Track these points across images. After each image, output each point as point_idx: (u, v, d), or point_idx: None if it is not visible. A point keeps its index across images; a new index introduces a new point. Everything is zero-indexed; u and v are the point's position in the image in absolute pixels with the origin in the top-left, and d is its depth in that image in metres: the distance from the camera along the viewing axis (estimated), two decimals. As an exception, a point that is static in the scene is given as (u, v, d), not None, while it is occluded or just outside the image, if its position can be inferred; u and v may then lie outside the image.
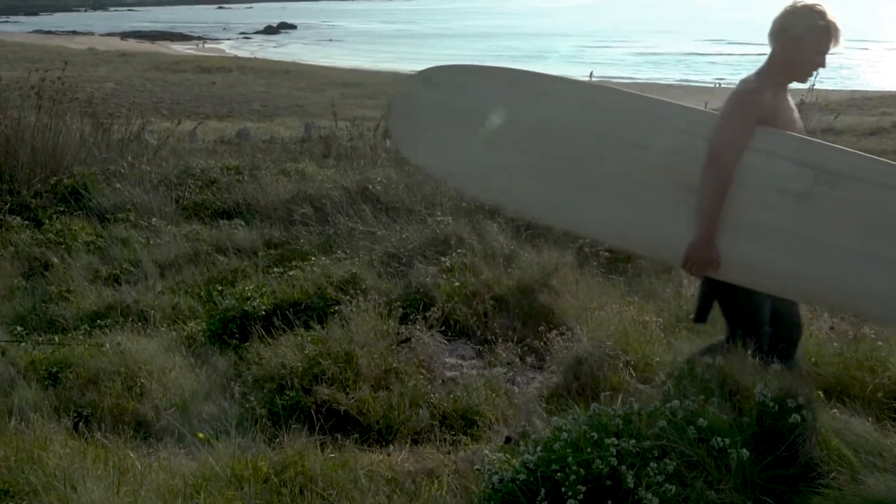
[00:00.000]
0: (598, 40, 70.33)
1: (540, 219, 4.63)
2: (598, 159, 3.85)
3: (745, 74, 3.79)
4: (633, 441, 2.96)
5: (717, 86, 33.03)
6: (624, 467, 2.85)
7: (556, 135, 3.97)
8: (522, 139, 4.04)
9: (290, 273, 5.94)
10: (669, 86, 37.29)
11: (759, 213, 3.55)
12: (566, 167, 3.93)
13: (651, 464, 2.88)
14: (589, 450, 2.93)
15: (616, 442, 2.93)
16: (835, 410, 3.44)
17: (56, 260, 6.60)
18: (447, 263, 5.93)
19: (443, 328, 5.29)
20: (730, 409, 3.29)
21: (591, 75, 15.99)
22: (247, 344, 5.01)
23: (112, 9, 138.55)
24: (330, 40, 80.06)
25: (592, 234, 4.50)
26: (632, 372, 4.34)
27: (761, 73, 3.65)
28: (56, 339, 5.11)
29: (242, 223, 7.67)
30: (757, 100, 3.57)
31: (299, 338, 4.89)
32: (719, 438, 2.99)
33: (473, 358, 5.14)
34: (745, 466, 2.94)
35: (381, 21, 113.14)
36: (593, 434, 2.99)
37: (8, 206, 7.88)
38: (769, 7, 4.18)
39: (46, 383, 4.55)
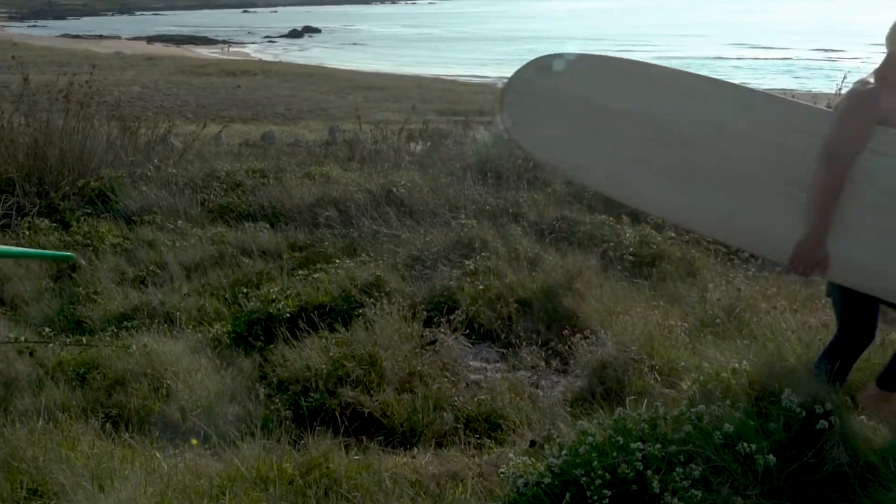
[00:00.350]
0: (621, 44, 70.03)
1: (649, 210, 4.56)
2: (709, 152, 3.82)
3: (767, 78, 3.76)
4: (658, 446, 2.95)
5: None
6: (650, 472, 2.83)
7: (669, 126, 3.93)
8: (634, 130, 4.02)
9: (315, 276, 5.96)
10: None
11: (870, 214, 3.52)
12: (678, 160, 3.89)
13: (677, 469, 2.87)
14: (614, 454, 2.92)
15: (641, 446, 2.92)
16: (863, 417, 3.42)
17: (83, 262, 6.66)
18: (471, 266, 5.93)
19: (467, 331, 5.29)
20: (756, 414, 3.27)
21: None
22: (272, 346, 5.03)
23: (138, 13, 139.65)
24: (353, 44, 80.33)
25: (701, 228, 4.44)
26: (657, 376, 4.32)
27: (878, 74, 3.61)
28: (83, 340, 5.15)
29: (267, 226, 7.70)
30: (874, 100, 3.53)
31: (324, 340, 4.91)
32: (746, 444, 2.97)
33: (497, 361, 5.14)
34: (771, 472, 2.92)
35: (403, 25, 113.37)
36: (618, 438, 2.98)
37: (36, 208, 7.96)
38: (789, 10, 4.15)
39: (74, 384, 4.59)
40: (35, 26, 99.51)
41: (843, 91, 9.02)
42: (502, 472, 3.30)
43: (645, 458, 2.89)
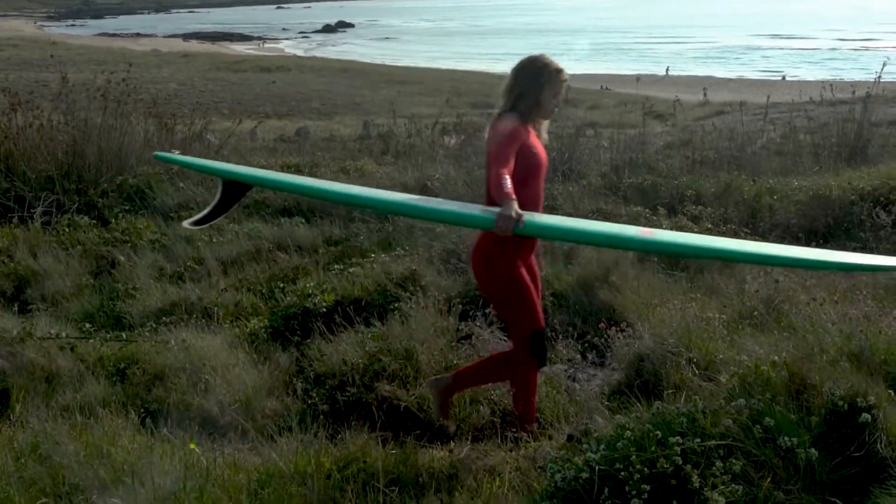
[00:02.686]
0: (651, 36, 69.53)
1: None
2: None
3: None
4: (697, 440, 2.92)
5: (783, 79, 32.62)
6: (689, 466, 2.80)
7: None
8: None
9: (351, 270, 5.97)
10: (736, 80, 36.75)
11: None
12: None
13: (717, 463, 2.83)
14: (653, 448, 2.89)
15: (681, 441, 2.89)
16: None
17: (122, 258, 6.73)
18: (506, 260, 5.90)
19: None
20: (797, 407, 3.22)
21: (667, 71, 15.97)
22: (308, 340, 5.06)
23: (174, 11, 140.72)
24: (387, 38, 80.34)
25: None
26: (695, 369, 4.27)
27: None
28: (123, 335, 5.21)
29: (303, 221, 7.74)
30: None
31: (360, 334, 4.92)
32: (787, 438, 2.93)
33: (534, 355, 5.11)
34: (813, 466, 2.88)
35: (429, 20, 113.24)
36: (657, 432, 2.95)
37: (76, 205, 8.06)
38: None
39: (114, 379, 4.64)
40: (73, 25, 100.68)
41: (882, 79, 8.89)
42: (540, 467, 3.29)
43: (684, 452, 2.86)
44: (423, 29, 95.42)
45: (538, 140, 3.98)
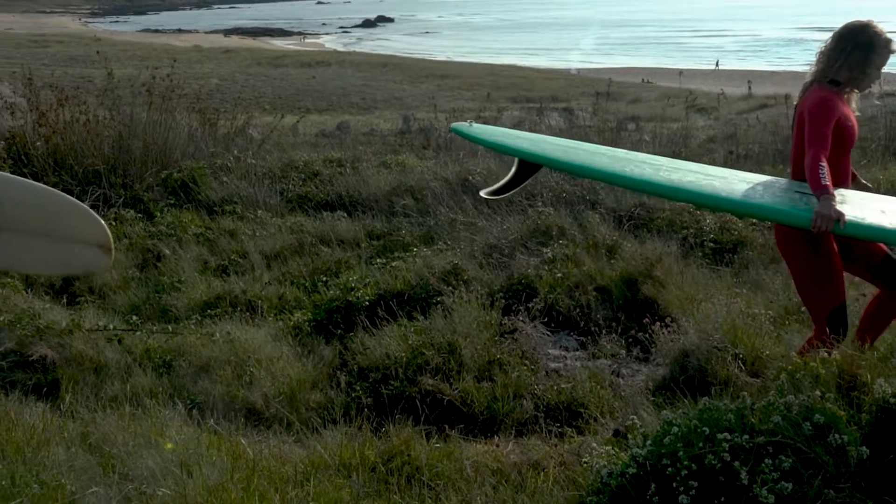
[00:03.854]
0: (693, 29, 68.86)
1: None
2: None
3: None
4: (746, 436, 2.88)
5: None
6: (737, 463, 2.77)
7: None
8: None
9: (393, 264, 5.99)
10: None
11: None
12: None
13: (766, 460, 2.80)
14: (700, 444, 2.86)
15: (729, 437, 2.85)
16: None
17: (168, 251, 6.81)
18: (549, 254, 5.89)
19: (545, 319, 5.27)
20: (847, 405, 3.17)
21: (717, 64, 15.88)
22: (351, 334, 5.08)
23: (216, 6, 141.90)
24: (426, 32, 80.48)
25: None
26: (741, 365, 4.24)
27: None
28: (169, 328, 5.27)
29: (345, 215, 7.77)
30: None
31: (403, 328, 4.94)
32: (837, 435, 2.88)
33: (577, 349, 5.11)
34: (865, 464, 2.83)
35: (454, 13, 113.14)
36: (704, 429, 2.92)
37: (122, 199, 8.16)
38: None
39: (161, 371, 4.70)
40: (116, 21, 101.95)
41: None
42: (585, 462, 3.27)
43: (732, 448, 2.82)
44: (462, 23, 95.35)
45: (851, 111, 3.78)
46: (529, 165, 4.60)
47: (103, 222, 4.61)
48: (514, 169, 4.62)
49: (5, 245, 4.50)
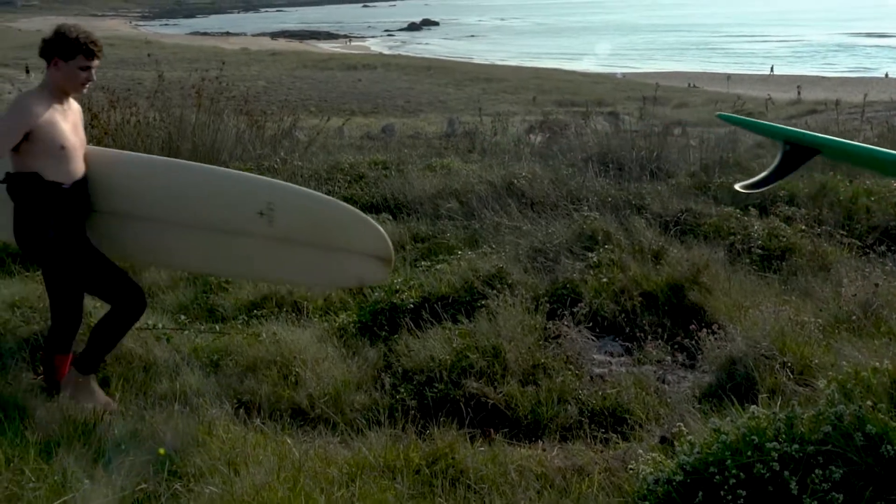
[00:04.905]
0: (741, 34, 68.13)
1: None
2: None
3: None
4: (795, 446, 2.85)
5: (886, 76, 31.68)
6: (787, 473, 2.74)
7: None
8: None
9: (438, 267, 5.99)
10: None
11: None
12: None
13: (816, 470, 2.76)
14: (749, 453, 2.84)
15: (778, 446, 2.83)
16: None
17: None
18: (594, 259, 5.86)
19: (590, 324, 5.24)
20: (900, 415, 3.12)
21: (771, 69, 15.70)
22: (396, 336, 5.09)
23: (262, 10, 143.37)
24: (471, 36, 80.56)
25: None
26: (789, 374, 4.19)
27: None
28: (216, 327, 5.32)
29: (390, 217, 7.79)
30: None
31: (447, 331, 4.93)
32: (889, 446, 2.83)
33: (622, 355, 5.07)
34: (917, 477, 2.78)
35: (512, 17, 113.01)
36: (753, 437, 2.89)
37: (170, 200, 8.26)
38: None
39: (208, 370, 4.74)
40: (166, 24, 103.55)
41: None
42: (631, 469, 3.25)
43: (781, 458, 2.79)
44: (497, 27, 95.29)
45: None
46: (798, 154, 4.45)
47: (384, 233, 4.63)
48: (778, 159, 4.48)
49: (275, 258, 4.57)
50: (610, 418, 4.23)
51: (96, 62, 4.17)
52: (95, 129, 8.79)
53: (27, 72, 13.56)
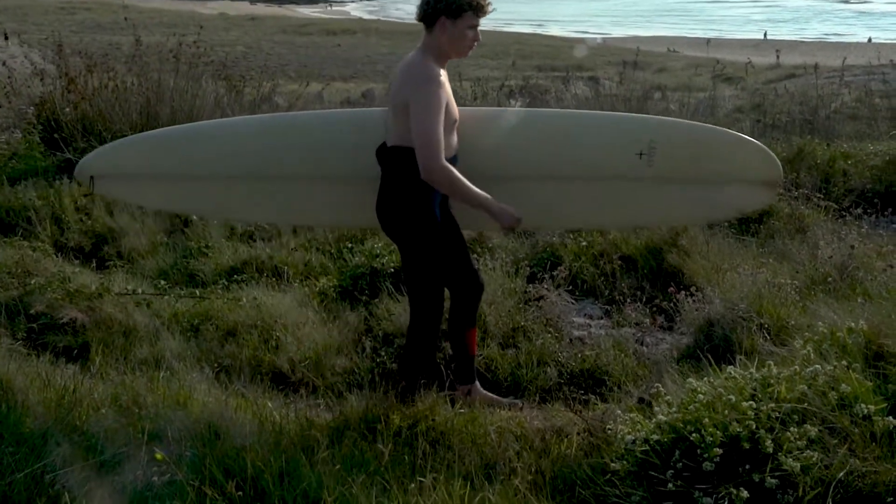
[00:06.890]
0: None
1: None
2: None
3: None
4: (771, 405, 2.88)
5: (869, 41, 31.72)
6: (763, 431, 2.78)
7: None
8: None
9: (419, 231, 5.98)
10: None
11: None
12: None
13: (791, 429, 2.80)
14: (725, 412, 2.87)
15: (754, 405, 2.86)
16: None
17: (195, 217, 6.83)
18: (574, 223, 5.87)
19: (570, 287, 5.27)
20: (874, 375, 3.17)
21: (765, 35, 15.64)
22: (376, 300, 5.10)
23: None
24: (451, 0, 79.79)
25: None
26: (766, 335, 4.23)
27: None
28: (197, 292, 5.32)
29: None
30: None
31: (427, 295, 4.94)
32: (863, 405, 2.87)
33: (601, 318, 5.11)
34: (891, 435, 2.82)
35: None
36: (730, 397, 2.92)
37: (150, 165, 8.19)
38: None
39: (189, 335, 4.75)
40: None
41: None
42: (609, 429, 3.29)
43: (757, 416, 2.82)
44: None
45: None
46: None
47: (773, 154, 4.36)
48: None
49: (652, 200, 4.32)
50: (589, 380, 4.27)
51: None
52: (72, 95, 8.69)
53: (6, 38, 13.25)
